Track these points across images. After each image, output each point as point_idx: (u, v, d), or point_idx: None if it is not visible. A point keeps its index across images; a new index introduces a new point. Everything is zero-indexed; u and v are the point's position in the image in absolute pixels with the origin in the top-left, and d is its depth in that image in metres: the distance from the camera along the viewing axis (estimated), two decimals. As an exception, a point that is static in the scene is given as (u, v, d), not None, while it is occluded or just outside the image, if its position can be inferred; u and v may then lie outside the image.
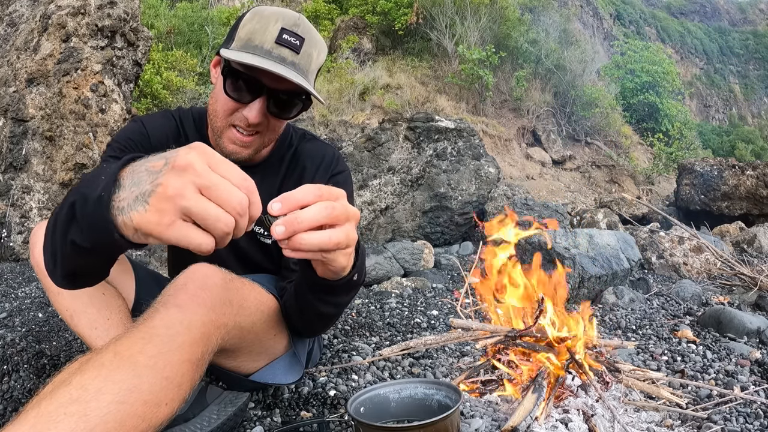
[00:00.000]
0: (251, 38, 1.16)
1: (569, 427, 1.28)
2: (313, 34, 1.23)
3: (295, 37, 1.18)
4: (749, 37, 26.92)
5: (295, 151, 1.44)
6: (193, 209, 0.63)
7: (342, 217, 0.77)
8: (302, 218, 0.73)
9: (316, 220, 0.74)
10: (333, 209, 0.75)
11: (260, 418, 1.38)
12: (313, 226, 0.74)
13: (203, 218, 0.63)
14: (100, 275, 0.94)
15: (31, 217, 4.69)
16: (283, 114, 1.24)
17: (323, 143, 1.49)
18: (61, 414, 0.68)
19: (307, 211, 0.73)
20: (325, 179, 1.39)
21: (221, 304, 0.99)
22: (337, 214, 0.76)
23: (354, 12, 11.57)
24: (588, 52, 13.25)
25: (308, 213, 0.73)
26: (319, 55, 1.25)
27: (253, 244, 1.43)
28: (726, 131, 21.23)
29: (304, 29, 1.21)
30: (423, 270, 3.65)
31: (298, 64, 1.18)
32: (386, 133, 5.20)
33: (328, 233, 0.76)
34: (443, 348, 1.93)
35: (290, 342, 1.37)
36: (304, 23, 1.22)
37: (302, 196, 0.74)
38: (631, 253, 3.06)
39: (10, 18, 5.85)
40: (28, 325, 2.18)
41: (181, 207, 0.63)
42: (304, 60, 1.20)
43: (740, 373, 1.68)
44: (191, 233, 0.64)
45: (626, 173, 11.70)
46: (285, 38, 1.16)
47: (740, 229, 5.57)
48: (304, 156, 1.43)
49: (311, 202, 0.74)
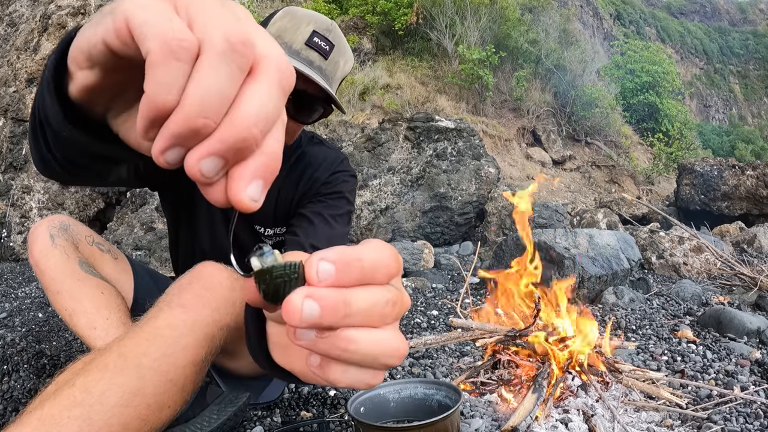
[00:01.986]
0: (281, 36, 1.15)
1: (569, 427, 1.28)
2: (342, 43, 1.21)
3: (325, 42, 1.16)
4: (749, 37, 26.93)
5: (302, 152, 1.41)
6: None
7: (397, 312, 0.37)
8: (358, 302, 0.33)
9: (378, 312, 0.34)
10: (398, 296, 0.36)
11: (260, 418, 1.38)
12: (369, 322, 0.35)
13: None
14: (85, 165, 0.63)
15: (31, 217, 4.69)
16: (303, 117, 1.21)
17: (331, 147, 1.46)
18: (65, 417, 0.68)
19: (365, 293, 0.34)
20: (326, 176, 1.35)
21: (225, 304, 0.99)
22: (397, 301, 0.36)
23: (354, 12, 11.57)
24: (588, 52, 13.24)
25: (368, 296, 0.34)
26: (345, 65, 1.23)
27: (256, 242, 1.42)
28: (726, 131, 21.24)
29: (335, 36, 1.19)
30: (423, 270, 3.65)
31: (324, 69, 1.16)
32: (386, 133, 5.20)
33: (385, 335, 0.35)
34: (443, 348, 1.93)
35: None
36: (336, 30, 1.20)
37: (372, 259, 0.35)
38: (631, 253, 3.06)
39: (10, 18, 5.85)
40: (28, 325, 2.18)
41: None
42: (330, 66, 1.18)
43: (740, 373, 1.68)
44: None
45: (626, 173, 11.70)
46: (315, 41, 1.15)
47: (740, 229, 5.57)
48: (309, 157, 1.40)
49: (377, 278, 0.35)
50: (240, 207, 0.31)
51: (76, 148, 0.49)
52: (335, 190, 1.33)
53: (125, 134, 0.40)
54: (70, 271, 1.22)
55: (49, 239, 1.24)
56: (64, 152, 0.53)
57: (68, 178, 0.64)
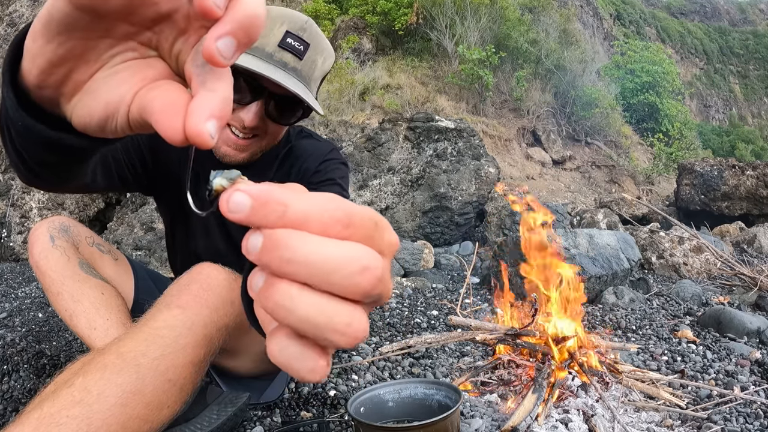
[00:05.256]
0: None
1: (569, 427, 1.28)
2: (320, 41, 1.18)
3: (299, 42, 1.13)
4: (749, 37, 26.91)
5: (291, 147, 1.38)
6: None
7: (365, 232, 0.31)
8: (293, 206, 0.30)
9: (318, 217, 0.30)
10: (350, 212, 0.31)
11: (260, 418, 1.38)
12: (312, 227, 0.30)
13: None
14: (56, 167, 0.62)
15: (31, 217, 4.69)
16: (282, 119, 1.19)
17: (321, 140, 1.43)
18: (64, 416, 0.68)
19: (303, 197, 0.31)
20: (315, 166, 1.31)
21: (224, 304, 0.99)
22: (355, 223, 0.31)
23: (354, 12, 11.56)
24: (588, 52, 13.24)
25: (306, 201, 0.31)
26: (324, 62, 1.20)
27: None
28: (726, 131, 21.23)
29: (311, 34, 1.16)
30: (423, 270, 3.65)
31: (300, 70, 1.13)
32: (386, 133, 5.20)
33: (346, 247, 0.30)
34: (443, 348, 1.93)
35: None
36: (312, 28, 1.17)
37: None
38: (631, 253, 3.06)
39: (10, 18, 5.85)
40: (28, 325, 2.18)
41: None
42: (307, 66, 1.15)
43: (740, 373, 1.68)
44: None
45: (626, 173, 11.70)
46: (289, 42, 1.12)
47: (740, 229, 5.57)
48: (298, 150, 1.37)
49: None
50: (197, 140, 0.32)
51: (34, 140, 0.50)
52: (327, 177, 1.29)
53: (78, 119, 0.40)
54: (71, 272, 1.22)
55: (49, 240, 1.24)
56: (25, 148, 0.54)
57: (42, 183, 0.66)
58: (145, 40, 0.37)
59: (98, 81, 0.38)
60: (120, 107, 0.37)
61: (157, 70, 0.38)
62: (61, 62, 0.37)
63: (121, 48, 0.37)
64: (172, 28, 0.36)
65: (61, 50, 0.36)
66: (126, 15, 0.34)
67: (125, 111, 0.37)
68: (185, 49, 0.37)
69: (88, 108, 0.39)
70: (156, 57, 0.38)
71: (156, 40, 0.37)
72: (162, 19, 0.35)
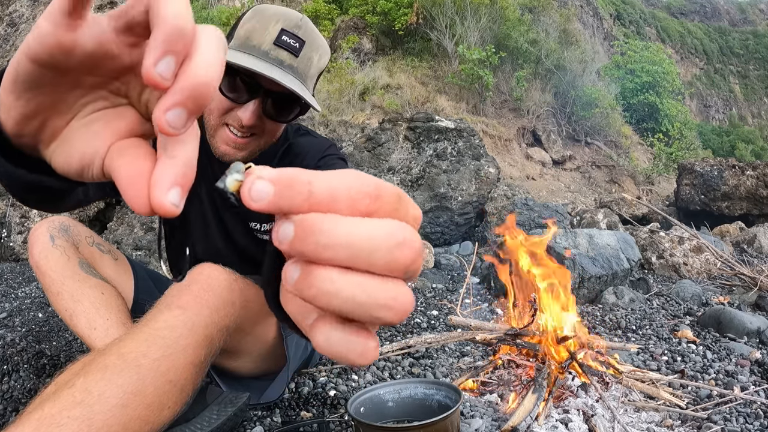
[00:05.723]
0: (249, 37, 1.12)
1: (569, 427, 1.28)
2: (315, 37, 1.18)
3: (295, 40, 1.13)
4: (749, 37, 26.91)
5: (289, 145, 1.37)
6: None
7: (391, 206, 0.31)
8: (317, 185, 0.29)
9: (345, 193, 0.29)
10: (378, 185, 0.30)
11: (260, 418, 1.38)
12: (340, 205, 0.29)
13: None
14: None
15: (31, 217, 4.69)
16: (280, 117, 1.18)
17: (319, 137, 1.42)
18: (65, 417, 0.68)
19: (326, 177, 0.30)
20: (314, 162, 1.30)
21: (224, 305, 0.99)
22: (383, 196, 0.30)
23: (354, 12, 11.57)
24: (588, 52, 13.24)
25: (329, 178, 0.30)
26: (320, 60, 1.21)
27: (251, 240, 1.41)
28: (726, 131, 21.24)
29: (306, 32, 1.16)
30: (423, 270, 3.65)
31: (296, 67, 1.14)
32: (386, 133, 5.20)
33: (380, 224, 0.29)
34: (443, 348, 1.93)
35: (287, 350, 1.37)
36: (307, 25, 1.17)
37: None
38: (631, 253, 3.06)
39: (10, 18, 5.85)
40: (28, 325, 2.18)
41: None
42: (303, 64, 1.15)
43: (740, 373, 1.68)
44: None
45: (626, 173, 11.70)
46: (284, 40, 1.12)
47: (740, 229, 5.57)
48: (296, 148, 1.36)
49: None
50: (161, 211, 0.31)
51: (15, 183, 0.51)
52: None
53: (57, 165, 0.41)
54: (71, 272, 1.22)
55: (49, 240, 1.24)
56: (8, 186, 0.55)
57: (35, 208, 0.69)
58: (114, 89, 0.37)
59: (73, 130, 0.39)
60: (95, 160, 0.38)
61: (127, 120, 0.38)
62: (33, 115, 0.37)
63: (91, 97, 0.37)
64: (138, 78, 0.36)
65: (32, 104, 0.37)
66: (89, 69, 0.35)
67: (100, 164, 0.38)
68: (152, 99, 0.37)
69: (66, 155, 0.39)
70: (127, 105, 0.39)
71: (125, 89, 0.38)
72: (126, 71, 0.36)
